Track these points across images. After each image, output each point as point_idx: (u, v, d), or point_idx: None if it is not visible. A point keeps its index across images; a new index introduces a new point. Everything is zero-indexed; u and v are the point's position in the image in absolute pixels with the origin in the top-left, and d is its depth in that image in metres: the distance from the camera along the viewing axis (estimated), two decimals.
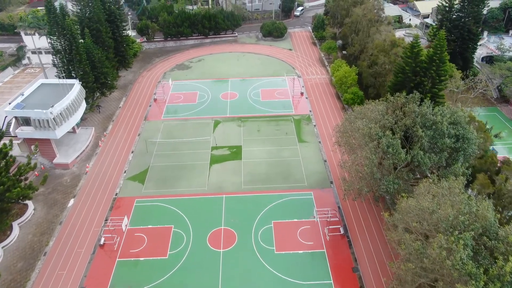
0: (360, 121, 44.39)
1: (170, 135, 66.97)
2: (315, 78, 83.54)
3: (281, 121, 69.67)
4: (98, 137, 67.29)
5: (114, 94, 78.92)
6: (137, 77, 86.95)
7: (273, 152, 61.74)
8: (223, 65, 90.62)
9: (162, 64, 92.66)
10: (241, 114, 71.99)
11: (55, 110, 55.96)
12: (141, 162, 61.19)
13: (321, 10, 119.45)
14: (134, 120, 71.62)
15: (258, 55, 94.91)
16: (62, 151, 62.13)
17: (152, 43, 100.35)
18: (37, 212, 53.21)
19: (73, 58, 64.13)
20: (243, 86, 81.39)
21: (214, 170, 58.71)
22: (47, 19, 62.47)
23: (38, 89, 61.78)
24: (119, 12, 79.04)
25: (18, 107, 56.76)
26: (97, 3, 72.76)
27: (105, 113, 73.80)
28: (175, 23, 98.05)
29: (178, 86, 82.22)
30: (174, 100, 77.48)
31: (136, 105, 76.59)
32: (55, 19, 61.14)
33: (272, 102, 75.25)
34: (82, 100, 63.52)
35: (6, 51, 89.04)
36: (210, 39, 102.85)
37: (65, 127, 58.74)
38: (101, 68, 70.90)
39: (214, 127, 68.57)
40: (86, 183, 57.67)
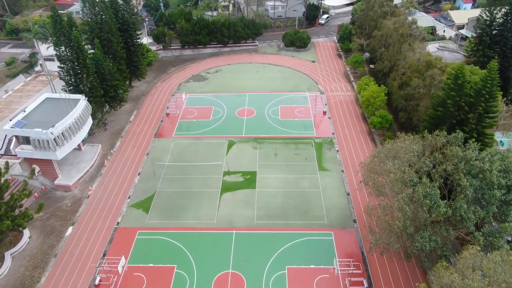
0: (392, 162, 38.31)
1: (180, 156, 62.21)
2: (339, 95, 77.36)
3: (301, 144, 63.94)
4: (105, 155, 63.19)
5: (125, 106, 74.84)
6: (150, 88, 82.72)
7: (291, 181, 56.13)
8: (241, 77, 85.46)
9: (178, 74, 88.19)
10: (258, 134, 66.61)
11: (56, 130, 51.93)
12: (147, 187, 56.62)
13: (348, 18, 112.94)
14: (143, 137, 67.20)
15: (279, 67, 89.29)
16: (65, 171, 58.21)
17: (169, 51, 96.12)
18: (32, 241, 49.27)
19: (80, 71, 60.14)
20: (261, 101, 75.99)
21: (225, 200, 53.56)
22: (52, 30, 58.69)
23: (41, 105, 58.04)
24: (133, 21, 74.93)
25: (18, 125, 53.02)
26: (109, 12, 68.70)
27: (114, 128, 69.72)
28: (192, 31, 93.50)
29: (192, 100, 77.50)
30: (187, 116, 72.75)
31: (147, 119, 72.23)
32: (61, 30, 57.21)
33: (292, 122, 69.57)
34: (88, 116, 59.45)
35: (19, 57, 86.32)
36: (229, 48, 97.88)
37: (67, 147, 54.68)
38: (111, 81, 66.80)
39: (228, 149, 63.44)
40: (87, 208, 53.47)
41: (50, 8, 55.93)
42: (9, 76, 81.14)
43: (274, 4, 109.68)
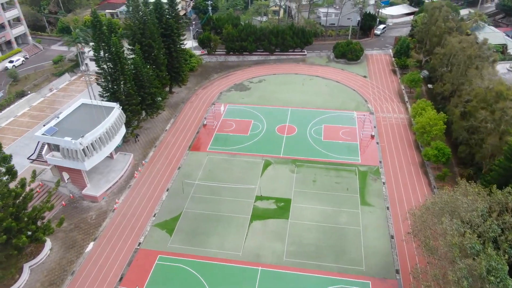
0: (449, 219, 32.11)
1: (212, 173, 58.68)
2: (391, 117, 70.42)
3: (343, 171, 58.22)
4: (136, 165, 61.04)
5: (163, 113, 72.67)
6: (191, 95, 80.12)
7: (328, 214, 50.77)
8: (285, 89, 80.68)
9: (220, 82, 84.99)
10: (297, 155, 61.64)
11: (85, 141, 50.07)
12: (174, 205, 53.59)
13: (407, 30, 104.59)
14: (177, 149, 64.42)
15: (326, 81, 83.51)
16: (94, 180, 56.56)
17: (213, 57, 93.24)
18: (52, 254, 47.71)
19: (117, 78, 58.25)
20: (304, 118, 70.83)
21: (253, 229, 49.25)
22: (92, 35, 57.17)
23: (76, 111, 56.69)
24: (177, 26, 72.41)
25: (49, 131, 51.79)
26: (152, 17, 66.50)
27: (149, 136, 67.59)
28: (239, 37, 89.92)
29: (232, 111, 73.86)
30: (225, 128, 69.17)
31: (183, 129, 69.48)
32: (101, 35, 55.44)
33: (336, 144, 63.87)
34: (121, 126, 57.42)
35: (66, 55, 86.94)
36: (276, 56, 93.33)
37: (96, 158, 52.79)
38: (149, 88, 64.61)
39: (263, 170, 59.06)
40: (111, 223, 51.27)
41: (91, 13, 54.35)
42: (55, 74, 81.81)
43: (327, 11, 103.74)
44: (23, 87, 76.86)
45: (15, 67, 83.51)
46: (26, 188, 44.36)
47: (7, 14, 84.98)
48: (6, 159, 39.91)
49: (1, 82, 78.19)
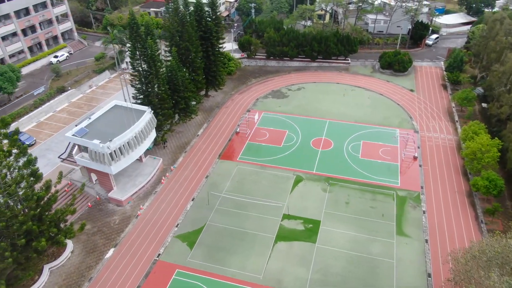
0: (498, 274, 27.73)
1: (240, 185, 56.37)
2: (437, 137, 64.94)
3: (380, 194, 53.98)
4: (165, 170, 59.89)
5: (196, 118, 71.24)
6: (226, 100, 78.27)
7: (359, 242, 46.93)
8: (324, 99, 76.90)
9: (258, 88, 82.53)
10: (331, 173, 58.01)
11: (113, 145, 49.27)
12: (198, 217, 51.77)
13: (462, 41, 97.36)
14: (207, 156, 62.68)
15: (369, 93, 78.81)
16: (121, 183, 55.90)
17: (253, 60, 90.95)
18: (73, 257, 47.29)
19: (151, 81, 57.25)
20: (341, 132, 66.90)
21: (277, 251, 46.39)
22: (129, 37, 56.46)
23: (108, 112, 56.24)
24: (217, 29, 70.67)
25: (80, 133, 51.49)
26: (192, 20, 65.06)
27: (180, 141, 66.35)
28: (280, 42, 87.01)
29: (266, 120, 71.18)
30: (258, 138, 66.66)
31: (215, 136, 67.69)
32: (137, 37, 54.55)
33: (374, 163, 59.58)
34: (151, 130, 56.36)
35: (108, 53, 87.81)
36: (317, 64, 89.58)
37: (123, 162, 51.97)
38: (184, 92, 63.29)
39: (293, 185, 55.99)
40: (133, 230, 50.24)
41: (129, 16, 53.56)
42: (95, 71, 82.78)
43: (375, 17, 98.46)
44: (64, 82, 78.23)
45: (59, 62, 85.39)
46: (51, 189, 44.26)
47: (55, 10, 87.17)
48: (31, 162, 39.50)
49: (44, 76, 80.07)
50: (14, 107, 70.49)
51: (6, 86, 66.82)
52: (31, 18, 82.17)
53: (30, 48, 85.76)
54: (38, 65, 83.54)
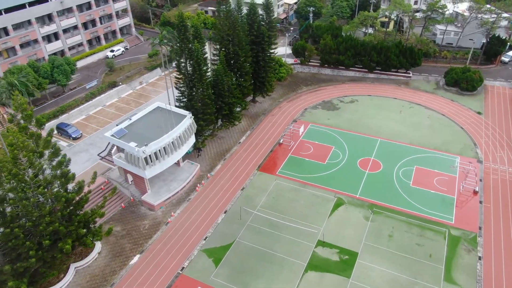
0: None
1: (275, 202, 53.24)
2: (505, 171, 57.38)
3: (429, 231, 48.31)
4: (201, 177, 58.26)
5: (240, 124, 68.93)
6: (273, 108, 75.21)
7: (400, 284, 41.99)
8: (378, 115, 71.33)
9: (308, 96, 78.58)
10: (376, 199, 53.09)
11: (148, 149, 48.20)
12: (227, 231, 49.41)
13: None
14: (246, 166, 60.15)
15: (430, 112, 71.94)
16: (156, 186, 54.97)
17: (306, 67, 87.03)
18: (99, 259, 46.92)
19: (195, 85, 55.69)
20: (393, 154, 61.38)
21: (306, 281, 42.76)
22: (177, 39, 55.25)
23: (149, 114, 55.50)
24: (269, 34, 67.68)
25: (118, 133, 51.07)
26: (243, 24, 62.64)
27: (221, 147, 64.41)
28: (336, 50, 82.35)
29: (313, 132, 67.25)
30: (301, 151, 63.02)
31: (257, 145, 64.99)
32: (184, 40, 53.13)
33: (426, 194, 53.73)
34: (190, 136, 54.80)
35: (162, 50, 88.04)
36: (375, 75, 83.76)
37: (158, 168, 50.87)
38: (228, 98, 61.20)
39: (333, 209, 51.86)
40: (161, 238, 48.98)
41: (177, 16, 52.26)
42: (147, 68, 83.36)
43: (445, 28, 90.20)
44: (116, 77, 79.46)
45: (114, 56, 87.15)
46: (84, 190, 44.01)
47: (116, 5, 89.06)
48: (62, 164, 39.16)
49: (99, 70, 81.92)
50: (67, 98, 72.54)
51: (61, 78, 68.74)
52: (92, 12, 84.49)
53: (90, 41, 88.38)
54: (94, 59, 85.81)
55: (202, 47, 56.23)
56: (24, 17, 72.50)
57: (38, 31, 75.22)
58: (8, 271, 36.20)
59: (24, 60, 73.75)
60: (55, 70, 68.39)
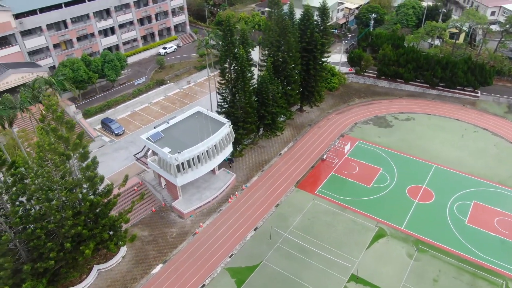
0: None
1: (309, 225, 49.43)
2: None
3: (483, 280, 42.10)
4: (236, 188, 55.83)
5: (284, 134, 65.58)
6: (321, 119, 70.91)
7: None
8: (436, 137, 64.67)
9: (359, 110, 73.32)
10: (423, 234, 47.51)
11: (181, 157, 46.43)
12: (255, 251, 46.49)
13: None
14: (283, 181, 56.79)
15: (498, 139, 64.00)
16: (188, 193, 53.32)
17: (361, 77, 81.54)
18: (123, 263, 46.05)
19: (237, 93, 53.20)
20: (449, 184, 54.99)
21: None
22: (222, 43, 53.01)
23: (188, 118, 53.85)
24: (323, 42, 63.41)
25: (154, 137, 49.88)
26: (295, 30, 59.00)
27: (260, 157, 61.54)
28: (396, 61, 76.16)
29: (360, 150, 62.32)
30: (345, 170, 58.48)
31: (298, 158, 61.30)
32: (229, 45, 50.75)
33: (484, 235, 47.21)
34: (227, 145, 52.44)
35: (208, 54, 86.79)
36: (437, 92, 76.44)
37: (190, 176, 49.07)
38: (272, 107, 58.08)
39: (372, 240, 47.10)
40: (186, 249, 47.14)
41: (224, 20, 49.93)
42: (196, 68, 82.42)
43: None
44: (165, 75, 79.26)
45: (166, 54, 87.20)
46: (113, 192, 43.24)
47: (172, 2, 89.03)
48: (89, 168, 38.26)
49: (149, 67, 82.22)
50: (115, 93, 73.30)
51: (110, 74, 69.41)
52: (148, 9, 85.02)
53: (144, 37, 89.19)
54: (147, 55, 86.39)
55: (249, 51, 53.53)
56: (83, 11, 74.25)
57: (95, 25, 76.81)
58: (27, 270, 35.99)
59: (79, 52, 75.62)
60: (106, 65, 69.19)
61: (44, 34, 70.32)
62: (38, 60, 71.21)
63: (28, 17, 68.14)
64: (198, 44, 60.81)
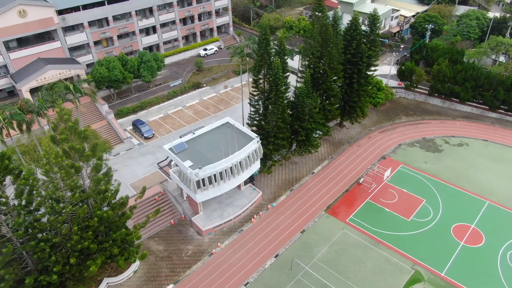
0: None
1: (336, 259, 44.73)
2: None
3: None
4: (261, 207, 52.19)
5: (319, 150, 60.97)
6: (361, 137, 65.41)
7: None
8: (492, 168, 57.29)
9: (406, 129, 66.91)
10: (468, 285, 41.31)
11: (202, 173, 43.41)
12: (272, 282, 42.62)
13: None
14: (313, 204, 52.34)
15: None
16: (209, 209, 50.34)
17: (410, 93, 74.74)
18: (133, 279, 43.90)
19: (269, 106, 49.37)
20: (503, 226, 48.03)
21: None
22: (256, 52, 49.25)
23: (216, 130, 50.65)
24: (370, 54, 57.91)
25: (177, 148, 47.24)
26: (339, 40, 54.01)
27: (290, 174, 57.43)
28: (452, 79, 68.84)
29: (401, 176, 56.45)
30: (382, 198, 53.00)
31: (332, 179, 56.49)
32: (264, 55, 47.02)
33: None
34: (254, 162, 48.80)
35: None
36: (497, 115, 68.26)
37: (211, 193, 45.97)
38: (308, 122, 53.71)
39: (406, 285, 41.61)
40: (200, 271, 44.19)
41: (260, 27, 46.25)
42: (235, 72, 79.44)
43: None
44: (202, 78, 76.98)
45: (206, 55, 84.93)
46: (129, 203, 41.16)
47: (217, 3, 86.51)
48: (100, 181, 36.09)
49: (187, 68, 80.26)
50: (149, 94, 71.97)
51: (146, 74, 68.02)
52: (191, 9, 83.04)
53: (186, 37, 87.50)
54: (187, 55, 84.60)
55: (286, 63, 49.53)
56: (125, 9, 73.45)
57: (137, 23, 75.86)
58: (29, 284, 34.47)
59: (119, 50, 75.06)
60: (142, 66, 67.86)
61: (85, 30, 70.20)
62: (78, 57, 71.28)
63: (71, 13, 68.17)
64: (232, 51, 57.32)
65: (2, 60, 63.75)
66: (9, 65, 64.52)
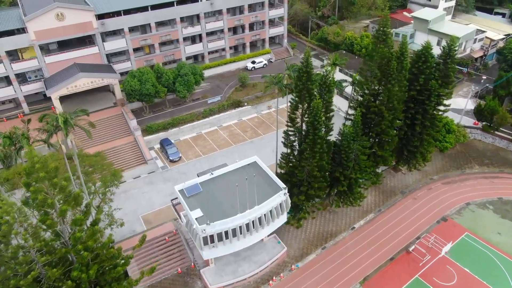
0: None
1: None
2: None
3: None
4: (284, 265, 44.05)
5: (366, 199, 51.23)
6: (420, 186, 54.37)
7: None
8: None
9: (478, 183, 54.63)
10: None
11: (210, 229, 36.19)
12: None
13: None
14: (347, 271, 43.11)
15: None
16: (222, 262, 43.08)
17: (489, 136, 61.58)
18: None
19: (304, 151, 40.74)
20: None
21: None
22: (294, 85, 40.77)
23: (239, 171, 43.11)
24: (440, 91, 46.80)
25: (190, 191, 40.46)
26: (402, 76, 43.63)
27: (325, 227, 48.49)
28: None
29: (466, 248, 45.16)
30: (436, 277, 42.33)
31: (375, 241, 46.65)
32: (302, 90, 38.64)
33: None
34: (278, 217, 40.66)
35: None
36: None
37: (221, 250, 38.70)
38: (352, 171, 44.31)
39: None
40: None
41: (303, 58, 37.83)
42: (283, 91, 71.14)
43: None
44: (244, 95, 69.88)
45: (254, 69, 77.58)
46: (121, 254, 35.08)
47: (271, 12, 78.46)
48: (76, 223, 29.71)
49: (230, 82, 73.40)
50: (185, 110, 66.23)
51: (181, 89, 62.27)
52: (242, 18, 75.86)
53: (235, 47, 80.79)
54: (233, 67, 77.84)
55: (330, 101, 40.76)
56: (169, 15, 68.12)
57: (181, 31, 70.29)
58: None
59: (160, 58, 70.20)
60: (178, 79, 62.17)
61: (125, 37, 65.93)
62: (117, 63, 67.35)
63: (111, 18, 64.15)
64: (268, 80, 49.21)
65: (37, 64, 61.30)
66: (44, 69, 61.93)
